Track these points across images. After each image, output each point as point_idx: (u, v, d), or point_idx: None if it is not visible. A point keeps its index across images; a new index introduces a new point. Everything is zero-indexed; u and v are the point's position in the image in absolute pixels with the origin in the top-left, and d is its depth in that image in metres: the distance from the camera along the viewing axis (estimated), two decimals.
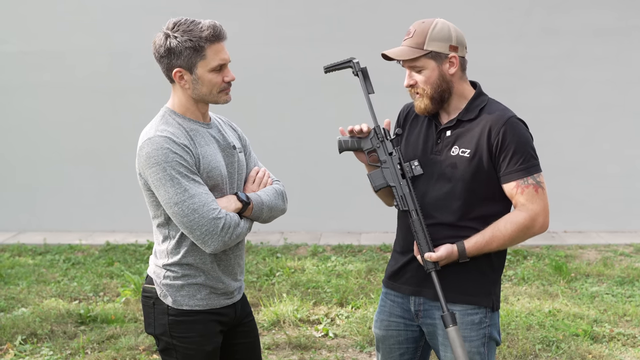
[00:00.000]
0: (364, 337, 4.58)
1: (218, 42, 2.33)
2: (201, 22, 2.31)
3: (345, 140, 2.58)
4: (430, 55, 2.42)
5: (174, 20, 2.32)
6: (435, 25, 2.43)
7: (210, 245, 2.30)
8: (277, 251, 6.77)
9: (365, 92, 2.56)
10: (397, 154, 2.52)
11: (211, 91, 2.37)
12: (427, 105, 2.47)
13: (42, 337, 4.62)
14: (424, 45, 2.41)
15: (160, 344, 2.47)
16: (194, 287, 2.42)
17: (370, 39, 7.31)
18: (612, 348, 4.41)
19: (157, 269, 2.45)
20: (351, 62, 2.58)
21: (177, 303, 2.41)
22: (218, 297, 2.46)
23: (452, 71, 2.44)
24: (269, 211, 2.49)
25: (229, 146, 2.48)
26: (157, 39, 2.34)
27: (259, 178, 2.57)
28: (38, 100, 7.65)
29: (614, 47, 7.43)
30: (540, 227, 2.42)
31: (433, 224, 2.47)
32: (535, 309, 5.05)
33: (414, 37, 2.43)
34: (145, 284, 2.51)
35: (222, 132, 2.50)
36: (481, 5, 7.33)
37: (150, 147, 2.29)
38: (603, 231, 7.47)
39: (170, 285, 2.42)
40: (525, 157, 2.39)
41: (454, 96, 2.49)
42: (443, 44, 2.42)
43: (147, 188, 2.37)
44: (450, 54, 2.43)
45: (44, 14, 7.58)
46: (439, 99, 2.46)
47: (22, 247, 6.97)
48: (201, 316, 2.43)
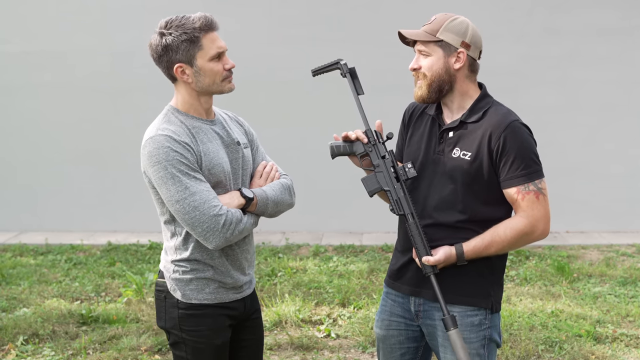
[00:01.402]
0: (366, 337, 4.57)
1: (212, 32, 2.36)
2: (191, 15, 2.35)
3: (337, 146, 2.55)
4: (440, 43, 2.42)
5: (165, 20, 2.36)
6: (455, 19, 2.45)
7: (212, 241, 2.32)
8: (278, 251, 6.76)
9: (354, 93, 2.53)
10: (390, 157, 2.50)
11: (214, 80, 2.39)
12: (424, 93, 2.46)
13: (44, 338, 4.61)
14: (437, 33, 2.42)
15: (171, 338, 2.50)
16: (202, 282, 2.44)
17: (372, 38, 7.31)
18: (615, 349, 4.39)
19: (167, 264, 2.49)
20: (339, 64, 2.55)
21: (186, 297, 2.44)
22: (227, 292, 2.48)
23: (457, 66, 2.43)
24: (274, 206, 2.50)
25: (233, 142, 2.50)
26: (152, 41, 2.37)
27: (266, 172, 2.59)
28: (39, 100, 7.65)
29: (617, 47, 7.41)
30: (540, 234, 2.40)
31: (433, 224, 2.46)
32: (538, 309, 5.04)
33: (432, 24, 2.45)
34: (157, 278, 2.54)
35: (226, 128, 2.51)
36: (483, 5, 7.32)
37: (151, 145, 2.31)
38: (605, 231, 7.46)
39: (179, 279, 2.45)
40: (526, 163, 2.37)
41: (456, 93, 2.48)
42: (456, 37, 2.42)
43: (152, 186, 2.40)
44: (460, 49, 2.42)
45: (46, 14, 7.58)
46: (437, 89, 2.44)
47: (24, 247, 6.96)
48: (210, 310, 2.46)
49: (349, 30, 7.45)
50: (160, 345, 4.47)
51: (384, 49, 6.87)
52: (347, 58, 2.59)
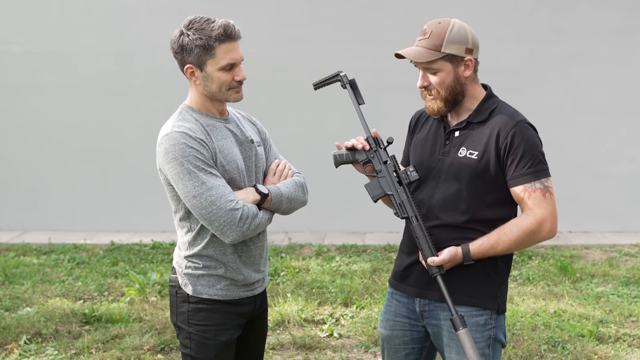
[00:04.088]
0: (368, 337, 4.57)
1: (229, 42, 2.37)
2: (215, 20, 2.35)
3: (340, 154, 2.58)
4: (447, 58, 2.39)
5: (190, 18, 2.38)
6: (453, 27, 2.40)
7: (229, 235, 2.36)
8: (281, 251, 6.76)
9: (355, 104, 2.56)
10: (392, 161, 2.51)
11: (220, 89, 2.42)
12: (441, 108, 2.45)
13: (47, 337, 4.62)
14: (442, 48, 2.38)
15: (180, 333, 2.53)
16: (213, 278, 2.48)
17: (375, 38, 7.31)
18: (618, 349, 4.39)
19: (180, 259, 2.53)
20: (339, 76, 2.59)
21: (197, 292, 2.48)
22: (238, 289, 2.51)
23: (467, 74, 2.43)
24: (288, 203, 2.54)
25: (246, 140, 2.53)
26: (173, 36, 2.41)
27: (280, 170, 2.63)
28: (43, 100, 7.67)
29: (621, 47, 7.41)
30: (548, 232, 2.39)
31: (439, 225, 2.47)
32: (541, 309, 5.04)
33: (431, 39, 2.39)
34: (171, 274, 2.58)
35: (239, 127, 2.55)
36: (486, 5, 7.31)
37: (167, 142, 2.35)
38: (608, 231, 7.45)
39: (190, 274, 2.49)
40: (533, 161, 2.37)
41: (467, 98, 2.48)
42: (460, 46, 2.39)
43: (167, 183, 2.43)
44: (466, 56, 2.41)
45: (49, 14, 7.60)
46: (452, 101, 2.44)
47: (27, 247, 6.98)
48: (219, 306, 2.49)
49: (352, 30, 7.44)
50: (163, 345, 4.48)
51: (386, 49, 6.86)
52: (349, 58, 2.62)
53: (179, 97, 2.55)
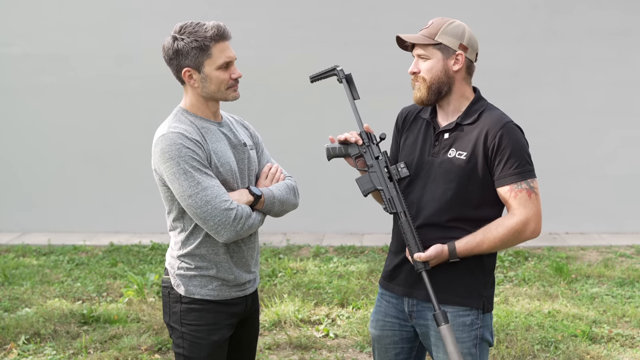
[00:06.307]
0: (364, 337, 4.61)
1: (223, 41, 2.44)
2: (205, 23, 2.43)
3: (332, 148, 2.64)
4: (439, 46, 2.48)
5: (180, 24, 2.45)
6: (452, 23, 2.51)
7: (223, 235, 2.41)
8: (279, 252, 6.80)
9: (350, 98, 2.63)
10: (384, 157, 2.57)
11: (219, 88, 2.48)
12: (423, 95, 2.51)
13: (45, 337, 4.67)
14: (436, 37, 2.48)
15: (173, 333, 2.58)
16: (205, 279, 2.53)
17: (374, 40, 7.34)
18: (610, 349, 4.43)
19: (172, 260, 2.57)
20: (335, 70, 2.65)
21: (189, 292, 2.52)
22: (229, 289, 2.56)
23: (456, 68, 2.49)
24: (280, 205, 2.59)
25: (239, 143, 2.59)
26: (165, 43, 2.47)
27: (272, 174, 2.68)
28: (43, 102, 7.71)
29: (617, 48, 7.43)
30: (532, 232, 2.44)
31: (426, 225, 2.51)
32: (535, 309, 5.07)
33: (430, 28, 2.50)
34: (163, 276, 2.63)
35: (233, 130, 2.61)
36: (483, 6, 7.35)
37: (164, 143, 2.40)
38: (605, 232, 7.48)
39: (183, 275, 2.53)
40: (520, 162, 2.42)
41: (454, 96, 2.53)
42: (454, 40, 2.47)
43: (162, 183, 2.48)
44: (458, 51, 2.48)
45: (48, 16, 7.64)
46: (436, 91, 2.50)
47: (27, 248, 7.02)
48: (211, 306, 2.53)
49: (350, 32, 7.48)
50: (160, 345, 4.52)
51: (384, 51, 6.90)
52: (347, 60, 2.66)
53: (177, 99, 2.60)
